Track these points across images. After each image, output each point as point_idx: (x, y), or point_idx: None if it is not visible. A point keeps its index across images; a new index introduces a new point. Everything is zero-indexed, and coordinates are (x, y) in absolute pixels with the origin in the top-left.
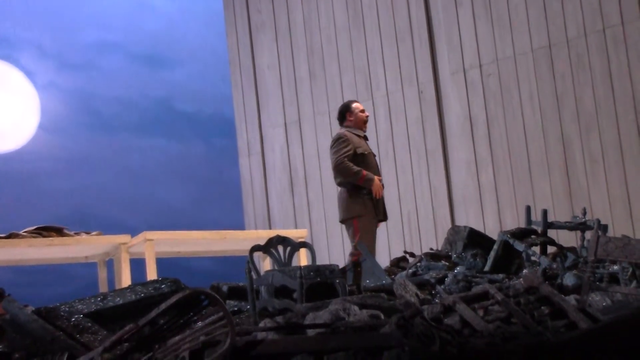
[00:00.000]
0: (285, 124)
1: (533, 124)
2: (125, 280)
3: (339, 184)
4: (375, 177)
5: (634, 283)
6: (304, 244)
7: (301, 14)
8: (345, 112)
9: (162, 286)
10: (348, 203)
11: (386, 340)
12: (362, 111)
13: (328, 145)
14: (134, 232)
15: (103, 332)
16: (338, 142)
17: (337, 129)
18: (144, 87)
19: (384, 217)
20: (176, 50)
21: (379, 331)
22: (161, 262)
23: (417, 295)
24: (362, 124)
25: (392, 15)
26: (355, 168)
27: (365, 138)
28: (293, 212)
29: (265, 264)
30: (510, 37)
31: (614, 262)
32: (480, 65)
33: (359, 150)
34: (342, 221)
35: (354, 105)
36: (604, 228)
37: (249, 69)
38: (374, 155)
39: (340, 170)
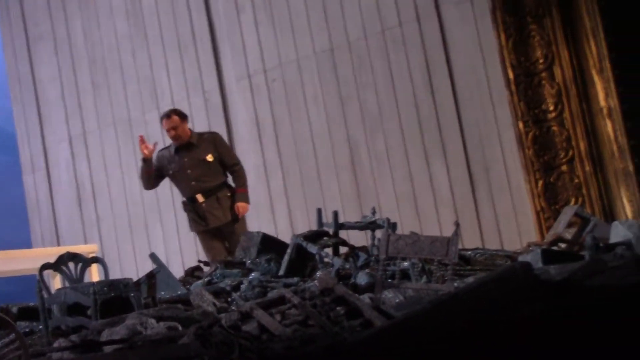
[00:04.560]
0: (69, 137)
1: (319, 127)
2: None
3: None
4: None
5: (424, 278)
6: (95, 259)
7: (80, 24)
8: None
9: None
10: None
11: (185, 351)
12: (167, 131)
13: (114, 158)
14: None
15: None
16: None
17: (123, 140)
18: None
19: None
20: None
21: (178, 343)
22: None
23: (214, 304)
24: (172, 140)
25: (174, 23)
26: None
27: (189, 146)
28: (82, 227)
29: (55, 281)
30: (293, 41)
31: (404, 259)
32: (265, 70)
33: (166, 172)
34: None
35: (163, 123)
36: (394, 226)
37: (28, 82)
38: (187, 167)
39: None
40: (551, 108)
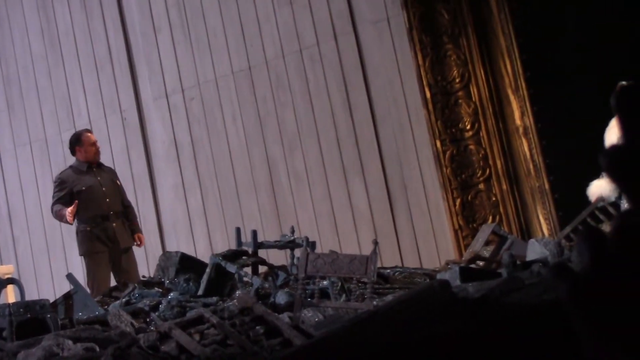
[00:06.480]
0: None
1: (238, 146)
2: None
3: None
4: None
5: (344, 297)
6: (11, 280)
7: None
8: (75, 145)
9: None
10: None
11: None
12: (93, 144)
13: (31, 178)
14: None
15: None
16: (53, 187)
17: (39, 160)
18: None
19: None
20: None
21: None
22: None
23: (132, 324)
24: (92, 157)
25: (90, 42)
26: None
27: (99, 166)
28: None
29: None
30: (211, 61)
31: (323, 278)
32: (183, 90)
33: (76, 189)
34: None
35: (84, 138)
36: (312, 245)
37: None
38: (103, 185)
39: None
40: (468, 127)
